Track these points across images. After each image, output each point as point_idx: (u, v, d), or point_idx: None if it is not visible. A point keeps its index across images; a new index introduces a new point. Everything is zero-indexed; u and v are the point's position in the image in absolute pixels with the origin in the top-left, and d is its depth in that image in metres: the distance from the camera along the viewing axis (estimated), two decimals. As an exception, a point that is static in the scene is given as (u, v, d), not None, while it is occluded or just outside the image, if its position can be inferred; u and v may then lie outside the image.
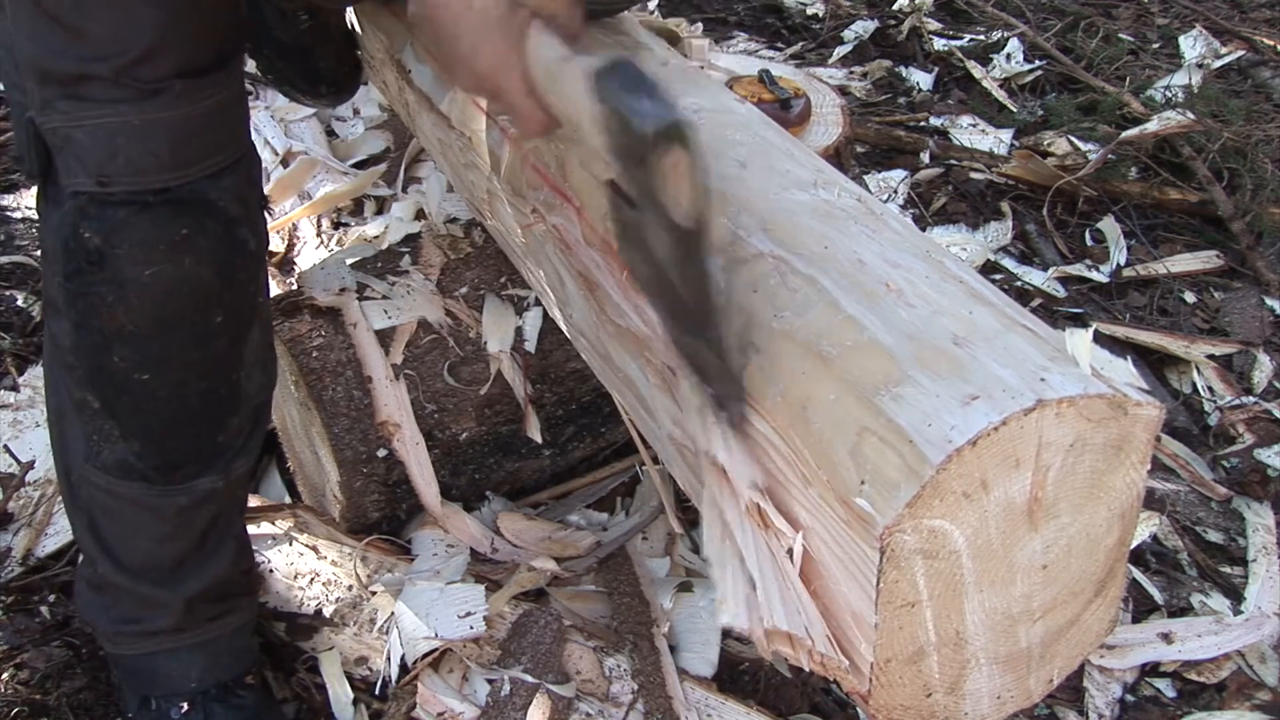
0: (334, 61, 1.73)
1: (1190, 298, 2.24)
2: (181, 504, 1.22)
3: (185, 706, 1.29)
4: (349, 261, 1.62)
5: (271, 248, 2.14)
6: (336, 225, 2.19)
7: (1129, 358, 1.95)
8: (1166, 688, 1.50)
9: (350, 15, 1.72)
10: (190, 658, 1.29)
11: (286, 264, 2.13)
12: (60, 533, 1.59)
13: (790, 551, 0.88)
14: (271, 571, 1.51)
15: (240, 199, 1.16)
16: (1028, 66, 3.01)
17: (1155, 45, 3.19)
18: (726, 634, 1.39)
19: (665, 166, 0.80)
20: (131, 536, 1.24)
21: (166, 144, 1.08)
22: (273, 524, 1.54)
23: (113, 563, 1.26)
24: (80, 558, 1.33)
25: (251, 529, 1.54)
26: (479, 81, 0.96)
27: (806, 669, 0.89)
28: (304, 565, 1.50)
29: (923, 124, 2.74)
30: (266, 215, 1.26)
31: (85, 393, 1.18)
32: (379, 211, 2.22)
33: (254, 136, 2.44)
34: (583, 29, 0.98)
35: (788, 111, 1.82)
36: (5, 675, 1.41)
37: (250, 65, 2.56)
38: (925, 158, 2.58)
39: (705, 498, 0.93)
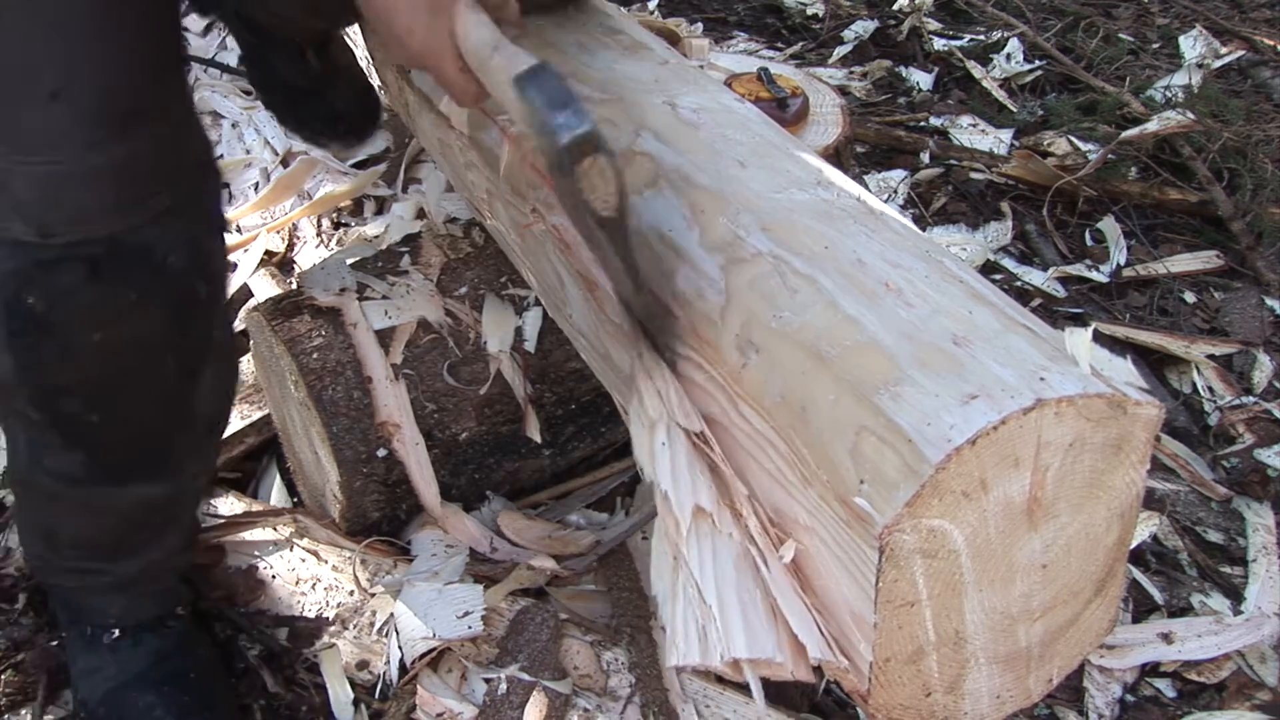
0: (348, 100, 1.72)
1: (1190, 298, 2.24)
2: (131, 504, 1.24)
3: (116, 633, 1.33)
4: (349, 261, 1.62)
5: (271, 248, 2.14)
6: (336, 225, 2.20)
7: (1129, 358, 1.95)
8: (1166, 688, 1.50)
9: (358, 45, 1.71)
10: (112, 598, 1.33)
11: (286, 264, 2.13)
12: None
13: (768, 560, 0.88)
14: (274, 577, 1.51)
15: (191, 245, 1.12)
16: (1028, 66, 3.01)
17: (1155, 45, 3.19)
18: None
19: (582, 170, 0.89)
20: (74, 527, 1.27)
21: (111, 187, 1.03)
22: (274, 529, 1.54)
23: (48, 545, 1.30)
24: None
25: (252, 534, 1.54)
26: (414, 59, 1.01)
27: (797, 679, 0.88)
28: (305, 571, 1.51)
29: (923, 124, 2.74)
30: (224, 242, 1.22)
31: (25, 408, 1.14)
32: (379, 211, 2.22)
33: (254, 136, 2.46)
34: (515, 12, 1.03)
35: (785, 110, 1.82)
36: (5, 675, 1.41)
37: (240, 62, 2.57)
38: (925, 158, 2.57)
39: (656, 531, 0.93)
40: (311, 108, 1.68)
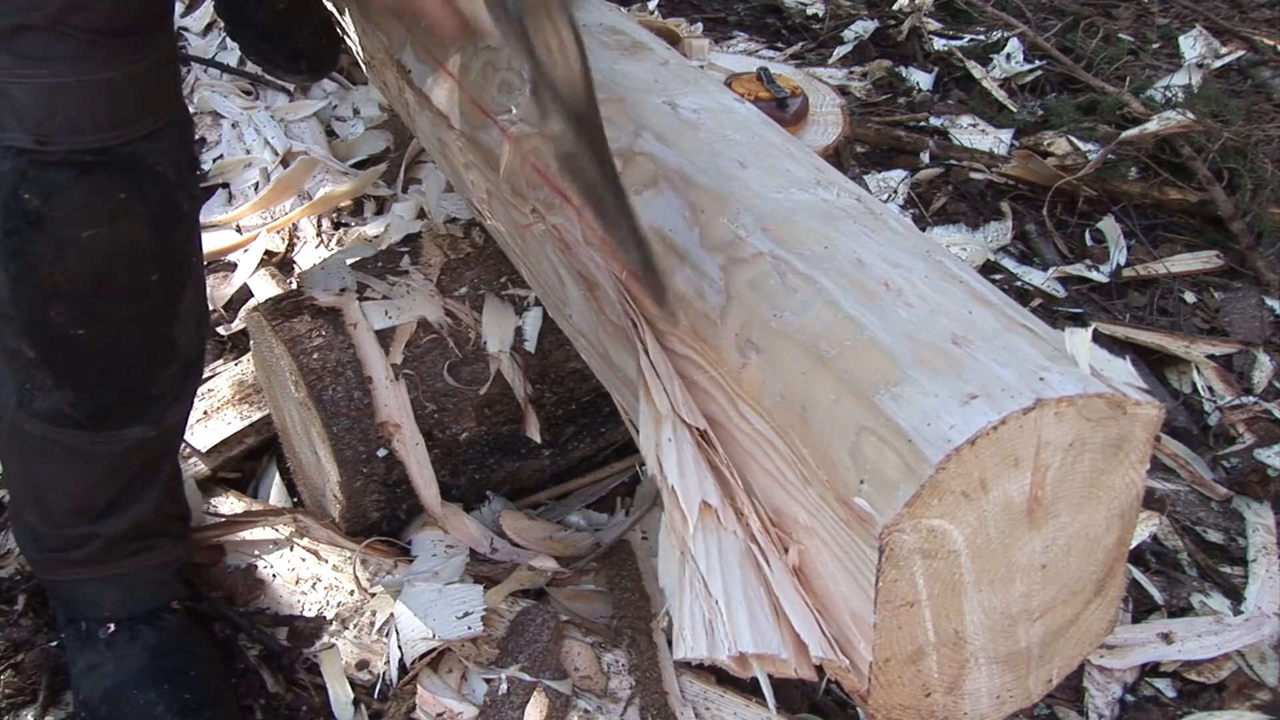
0: (312, 39, 1.79)
1: (1190, 298, 2.24)
2: (115, 451, 1.28)
3: (113, 628, 1.35)
4: (349, 261, 1.62)
5: (271, 248, 2.14)
6: (336, 225, 2.20)
7: (1129, 358, 1.95)
8: (1166, 688, 1.50)
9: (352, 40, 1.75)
10: (104, 589, 1.35)
11: (286, 264, 2.13)
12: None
13: (768, 559, 0.88)
14: (274, 577, 1.51)
15: (176, 163, 1.20)
16: (1028, 66, 3.01)
17: (1155, 45, 3.19)
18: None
19: (541, 35, 0.86)
20: (64, 481, 1.30)
21: (105, 105, 1.11)
22: (274, 529, 1.54)
23: (40, 512, 1.32)
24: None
25: (251, 533, 1.54)
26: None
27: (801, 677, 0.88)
28: (305, 570, 1.51)
29: (923, 124, 2.74)
30: (198, 176, 1.32)
31: (20, 343, 1.21)
32: (379, 211, 2.22)
33: (254, 136, 2.46)
34: None
35: (784, 110, 1.82)
36: (5, 675, 1.41)
37: (240, 62, 2.58)
38: (925, 158, 2.57)
39: (662, 526, 0.93)
40: (276, 45, 1.78)
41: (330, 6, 1.77)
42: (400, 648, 1.36)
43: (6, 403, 1.26)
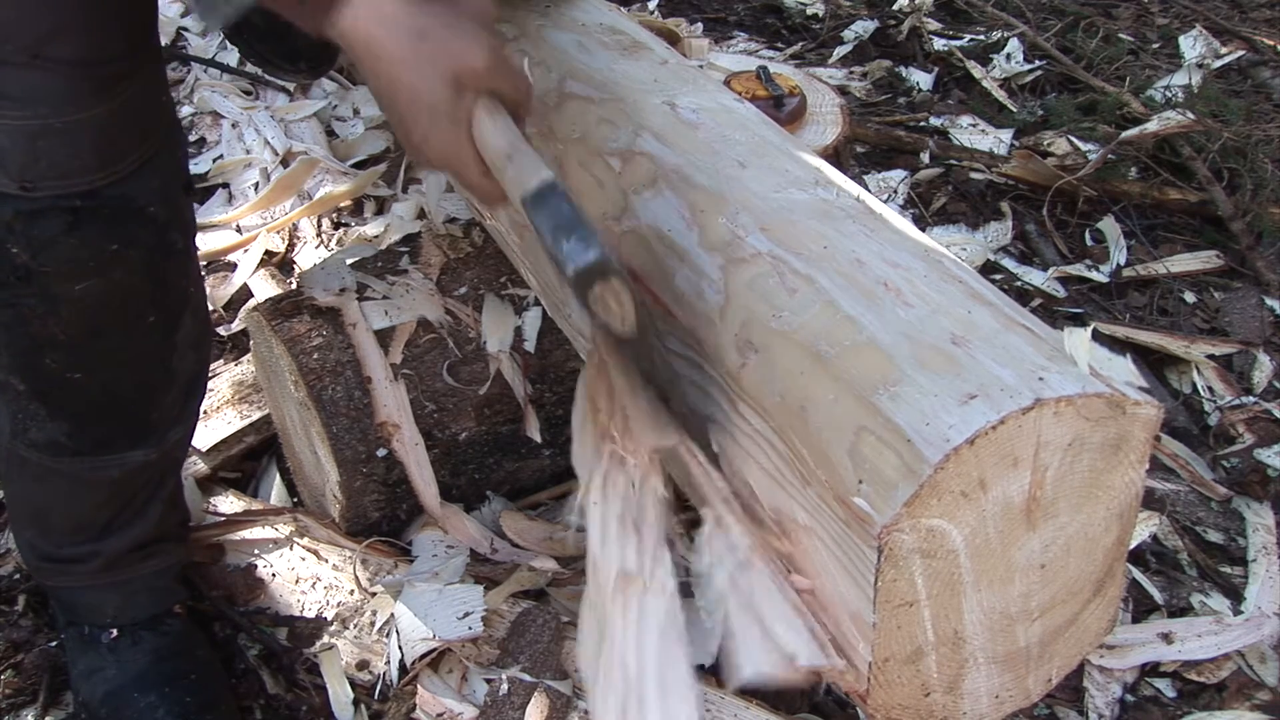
0: (310, 41, 1.78)
1: (1190, 298, 2.24)
2: (114, 476, 1.26)
3: (115, 633, 1.34)
4: (349, 261, 1.62)
5: (271, 248, 2.14)
6: (336, 225, 2.20)
7: (1129, 357, 1.95)
8: (1166, 688, 1.50)
9: None
10: (106, 596, 1.34)
11: (286, 264, 2.13)
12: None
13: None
14: (274, 576, 1.51)
15: (166, 198, 1.16)
16: (1028, 66, 3.01)
17: (1155, 45, 3.19)
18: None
19: (594, 296, 0.85)
20: (64, 503, 1.28)
21: (90, 145, 1.06)
22: (274, 529, 1.54)
23: (39, 531, 1.31)
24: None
25: (251, 533, 1.55)
26: (434, 165, 0.98)
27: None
28: (305, 570, 1.51)
29: (923, 124, 2.74)
30: (191, 198, 1.26)
31: (10, 377, 1.18)
32: (379, 211, 2.22)
33: (254, 136, 2.46)
34: (529, 102, 0.98)
35: (780, 109, 1.82)
36: (5, 676, 1.41)
37: (240, 62, 2.58)
38: (925, 158, 2.57)
39: (583, 599, 0.93)
40: (275, 45, 1.75)
41: None
42: (400, 648, 1.36)
43: (4, 432, 1.23)
